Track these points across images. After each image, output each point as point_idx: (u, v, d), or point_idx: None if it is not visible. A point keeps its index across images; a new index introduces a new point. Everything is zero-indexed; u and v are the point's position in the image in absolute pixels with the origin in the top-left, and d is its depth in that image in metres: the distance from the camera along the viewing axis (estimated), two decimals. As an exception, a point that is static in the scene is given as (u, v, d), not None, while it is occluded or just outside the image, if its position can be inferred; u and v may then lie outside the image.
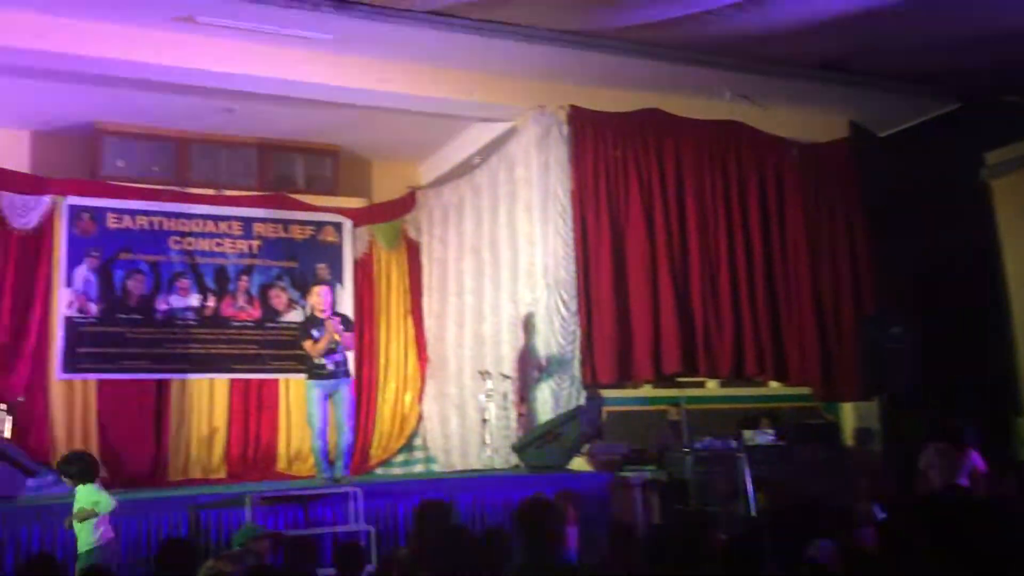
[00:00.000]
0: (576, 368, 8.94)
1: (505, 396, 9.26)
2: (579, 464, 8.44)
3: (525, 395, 9.14)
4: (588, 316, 9.10)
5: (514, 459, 8.71)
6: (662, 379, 9.33)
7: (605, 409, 9.00)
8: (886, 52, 9.01)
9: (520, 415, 9.09)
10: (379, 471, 10.42)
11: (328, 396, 7.93)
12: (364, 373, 10.54)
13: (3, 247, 9.32)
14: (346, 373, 8.09)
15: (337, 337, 7.85)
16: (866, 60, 9.31)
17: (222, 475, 9.65)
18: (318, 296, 8.19)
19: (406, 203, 11.35)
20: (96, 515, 5.62)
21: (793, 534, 4.48)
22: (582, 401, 8.78)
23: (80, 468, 5.81)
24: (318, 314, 8.07)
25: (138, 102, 9.41)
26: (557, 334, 8.94)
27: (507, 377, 9.30)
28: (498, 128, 9.96)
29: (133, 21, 8.11)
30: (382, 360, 10.80)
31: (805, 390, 9.82)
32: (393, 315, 10.98)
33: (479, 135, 10.33)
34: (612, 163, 9.48)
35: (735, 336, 9.57)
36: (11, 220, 9.40)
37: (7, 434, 8.34)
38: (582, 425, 7.67)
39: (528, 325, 9.20)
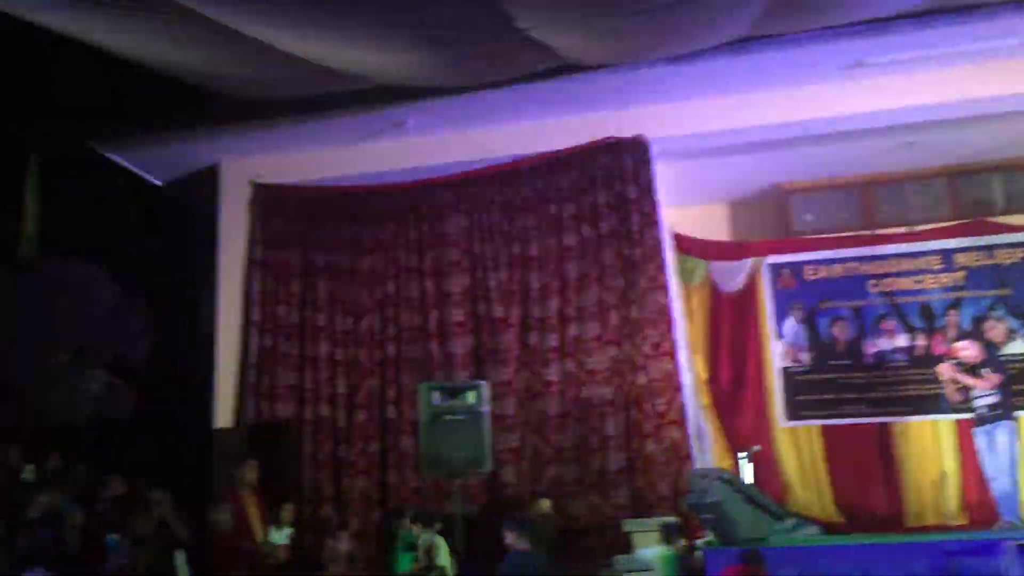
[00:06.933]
0: None
1: None
2: None
3: None
4: None
5: None
6: None
7: None
8: None
9: None
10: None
11: (989, 440, 8.23)
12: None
13: (717, 310, 10.35)
14: (999, 416, 8.19)
15: (970, 380, 8.29)
16: None
17: (962, 521, 9.08)
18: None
19: None
20: None
21: None
22: None
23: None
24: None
25: (816, 156, 9.78)
26: None
27: None
28: None
29: (802, 82, 8.53)
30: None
31: None
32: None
33: None
34: None
35: None
36: (720, 285, 10.41)
37: (749, 480, 9.04)
38: None
39: None
